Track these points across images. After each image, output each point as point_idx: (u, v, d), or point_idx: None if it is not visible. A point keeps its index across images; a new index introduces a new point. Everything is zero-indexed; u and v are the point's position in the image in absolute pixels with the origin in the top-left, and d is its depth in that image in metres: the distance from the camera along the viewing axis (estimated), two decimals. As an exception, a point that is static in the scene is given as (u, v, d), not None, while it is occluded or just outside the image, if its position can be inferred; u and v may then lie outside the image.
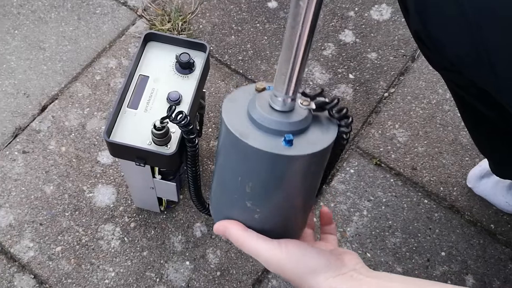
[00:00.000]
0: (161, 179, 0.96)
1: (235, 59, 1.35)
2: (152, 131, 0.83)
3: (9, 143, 1.19)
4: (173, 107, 0.79)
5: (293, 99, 0.55)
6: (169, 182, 0.97)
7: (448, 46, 0.75)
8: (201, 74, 0.92)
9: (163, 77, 0.93)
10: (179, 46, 0.95)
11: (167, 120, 0.80)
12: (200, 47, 0.94)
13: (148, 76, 0.92)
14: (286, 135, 0.53)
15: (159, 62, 0.94)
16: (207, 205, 1.02)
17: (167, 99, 0.89)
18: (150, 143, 0.86)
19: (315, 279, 0.56)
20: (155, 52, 0.95)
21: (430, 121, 1.28)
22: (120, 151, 0.86)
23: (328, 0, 1.45)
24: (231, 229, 0.59)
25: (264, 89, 0.58)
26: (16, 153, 1.18)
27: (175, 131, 0.87)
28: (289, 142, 0.53)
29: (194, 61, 0.93)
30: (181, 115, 0.79)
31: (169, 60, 0.94)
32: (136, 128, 0.87)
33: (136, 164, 0.87)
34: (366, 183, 1.20)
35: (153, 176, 0.95)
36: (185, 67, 0.92)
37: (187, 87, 0.91)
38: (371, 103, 1.30)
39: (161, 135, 0.83)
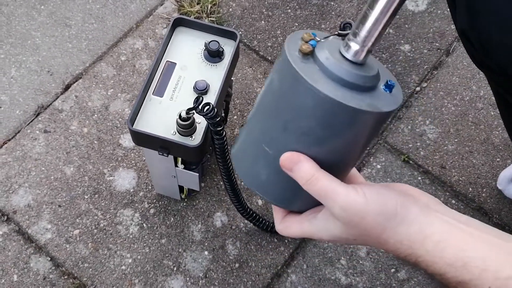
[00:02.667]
0: (184, 168, 0.93)
1: (264, 45, 1.31)
2: (177, 121, 0.81)
3: (31, 122, 1.17)
4: (200, 98, 0.76)
5: (369, 51, 0.52)
6: (191, 172, 0.94)
7: (499, 49, 0.71)
8: (230, 63, 0.89)
9: (191, 65, 0.90)
10: (208, 33, 0.92)
11: (193, 111, 0.77)
12: (230, 35, 0.91)
13: (176, 63, 0.89)
14: (389, 80, 0.53)
15: (187, 48, 0.91)
16: (246, 205, 1.00)
17: (193, 88, 0.87)
18: (174, 133, 0.83)
19: (403, 224, 0.51)
20: (184, 38, 0.92)
21: (462, 118, 1.24)
22: (144, 139, 0.84)
23: (362, -13, 1.40)
24: (305, 163, 0.52)
25: (311, 39, 0.53)
26: (37, 132, 1.17)
27: (201, 122, 0.84)
28: (390, 87, 0.53)
29: (223, 50, 0.90)
30: (208, 107, 0.76)
31: (197, 47, 0.91)
32: (161, 117, 0.84)
33: (159, 154, 0.85)
34: (392, 179, 1.16)
35: (176, 165, 0.93)
36: (214, 55, 0.89)
37: (215, 76, 0.88)
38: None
39: (187, 126, 0.81)
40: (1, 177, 1.11)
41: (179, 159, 0.91)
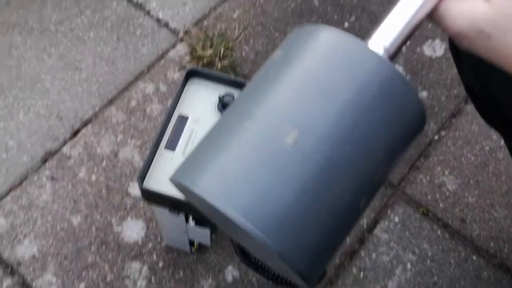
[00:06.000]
0: (195, 224, 0.89)
1: (277, 90, 1.28)
2: (189, 179, 0.77)
3: (38, 168, 1.14)
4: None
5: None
6: (202, 228, 0.90)
7: (506, 105, 0.69)
8: (245, 117, 0.85)
9: (204, 118, 0.86)
10: (222, 84, 0.89)
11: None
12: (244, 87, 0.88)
13: (188, 116, 0.86)
14: None
15: (201, 101, 0.88)
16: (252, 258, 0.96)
17: (207, 143, 0.83)
18: (186, 192, 0.79)
19: None
20: (197, 90, 0.89)
21: (482, 169, 1.20)
22: (154, 198, 0.80)
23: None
24: None
25: None
26: (44, 179, 1.13)
27: (214, 180, 0.80)
28: None
29: (238, 103, 0.86)
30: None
31: (211, 99, 0.88)
32: (173, 174, 0.81)
33: (170, 212, 0.81)
34: (411, 233, 1.12)
35: (187, 222, 0.89)
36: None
37: (229, 130, 0.85)
38: (420, 145, 1.22)
39: (199, 185, 0.77)
40: (6, 227, 1.08)
41: (190, 215, 0.88)
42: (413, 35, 0.47)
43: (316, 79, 0.40)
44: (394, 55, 0.45)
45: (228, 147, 0.40)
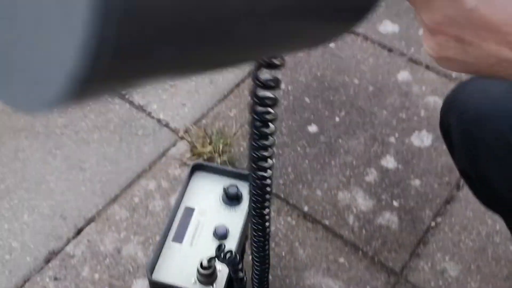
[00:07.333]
0: (202, 317, 0.90)
1: (276, 182, 1.32)
2: (198, 269, 0.79)
3: (41, 269, 1.15)
4: (223, 246, 0.75)
5: None
6: (211, 321, 0.90)
7: (502, 187, 0.71)
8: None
9: (210, 209, 0.89)
10: (226, 177, 0.93)
11: (215, 259, 0.76)
12: (248, 179, 0.91)
13: (194, 208, 0.89)
14: None
15: (206, 193, 0.91)
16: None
17: (213, 234, 0.86)
18: (195, 282, 0.81)
19: None
20: (202, 183, 0.93)
21: (481, 254, 1.21)
22: (163, 289, 0.81)
23: (368, 125, 1.44)
24: None
25: None
26: (47, 279, 1.14)
27: (221, 270, 0.82)
28: None
29: (242, 193, 0.90)
30: (230, 255, 0.75)
31: (216, 191, 0.91)
32: (181, 264, 0.83)
33: (179, 304, 0.82)
34: (416, 321, 1.12)
35: (195, 314, 0.89)
36: (232, 199, 0.89)
37: (234, 219, 0.88)
38: (418, 232, 1.25)
39: (208, 275, 0.79)
40: (8, 329, 1.07)
41: (199, 308, 0.88)
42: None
43: None
44: None
45: None
